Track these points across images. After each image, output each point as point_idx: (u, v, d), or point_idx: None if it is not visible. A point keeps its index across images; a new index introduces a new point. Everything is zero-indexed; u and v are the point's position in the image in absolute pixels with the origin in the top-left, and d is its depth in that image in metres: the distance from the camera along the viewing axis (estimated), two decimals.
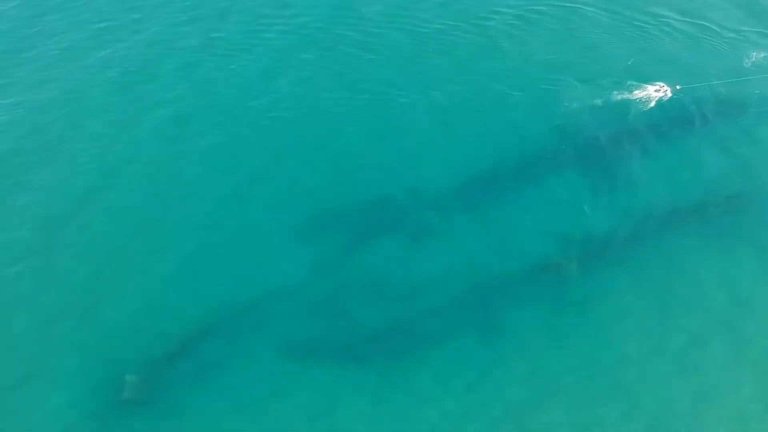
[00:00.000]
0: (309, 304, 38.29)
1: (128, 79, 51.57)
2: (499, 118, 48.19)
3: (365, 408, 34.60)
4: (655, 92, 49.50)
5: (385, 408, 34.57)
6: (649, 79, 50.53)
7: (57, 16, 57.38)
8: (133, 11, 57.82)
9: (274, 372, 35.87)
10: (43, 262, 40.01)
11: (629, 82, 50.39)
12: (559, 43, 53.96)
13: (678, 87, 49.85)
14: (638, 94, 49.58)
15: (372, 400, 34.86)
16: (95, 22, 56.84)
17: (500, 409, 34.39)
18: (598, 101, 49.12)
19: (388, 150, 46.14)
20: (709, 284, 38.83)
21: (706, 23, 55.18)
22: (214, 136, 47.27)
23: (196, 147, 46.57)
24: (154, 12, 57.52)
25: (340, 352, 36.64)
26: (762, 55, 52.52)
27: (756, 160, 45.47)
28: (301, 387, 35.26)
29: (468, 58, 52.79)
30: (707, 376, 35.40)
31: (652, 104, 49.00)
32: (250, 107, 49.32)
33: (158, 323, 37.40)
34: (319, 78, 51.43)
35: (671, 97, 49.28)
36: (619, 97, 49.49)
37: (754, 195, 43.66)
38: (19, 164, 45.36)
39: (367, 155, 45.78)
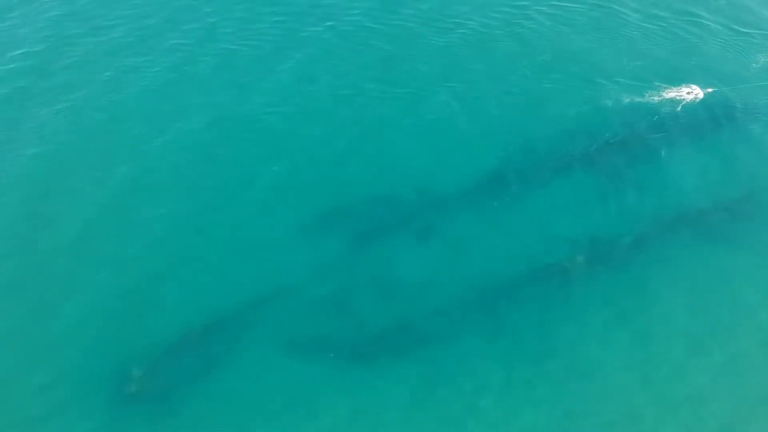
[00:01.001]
0: (314, 302, 38.16)
1: None
2: (520, 117, 48.22)
3: (370, 407, 34.45)
4: (685, 95, 49.18)
5: (390, 408, 34.41)
6: (680, 82, 50.31)
7: None
8: None
9: (277, 369, 35.74)
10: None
11: (657, 83, 50.22)
12: (592, 42, 53.90)
13: (709, 90, 49.40)
14: (665, 96, 49.27)
15: (377, 399, 34.70)
16: None
17: (502, 411, 34.22)
18: (624, 101, 49.05)
19: (395, 149, 46.03)
20: (713, 290, 38.56)
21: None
22: (213, 133, 47.22)
23: (194, 142, 46.56)
24: None
25: (345, 350, 36.51)
26: None
27: None
28: (305, 385, 35.11)
29: (493, 56, 52.99)
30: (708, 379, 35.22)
31: (679, 108, 48.65)
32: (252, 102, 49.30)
33: (162, 318, 37.36)
34: (325, 73, 51.47)
35: (702, 100, 49.06)
36: (644, 98, 49.35)
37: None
38: None
39: (374, 154, 45.67)
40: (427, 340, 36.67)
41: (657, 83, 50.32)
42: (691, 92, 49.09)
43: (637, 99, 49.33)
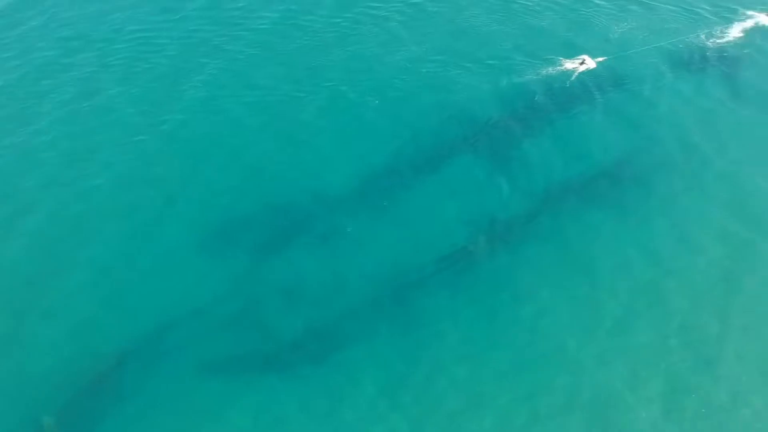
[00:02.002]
0: (223, 319, 37.60)
1: None
2: (410, 106, 48.65)
3: (293, 417, 34.31)
4: (578, 65, 50.92)
5: (312, 415, 34.39)
6: (571, 54, 52.02)
7: None
8: None
9: (194, 392, 35.04)
10: None
11: (549, 57, 51.94)
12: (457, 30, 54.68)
13: (600, 59, 51.34)
14: (558, 69, 50.92)
15: (299, 408, 34.59)
16: None
17: (428, 400, 34.77)
18: (517, 79, 50.36)
19: (283, 154, 45.79)
20: (603, 254, 40.31)
21: None
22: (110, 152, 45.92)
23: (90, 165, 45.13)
24: None
25: (260, 364, 36.26)
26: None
27: (664, 130, 47.29)
28: (224, 404, 34.67)
29: (368, 49, 52.94)
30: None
31: (573, 78, 50.45)
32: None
33: (70, 359, 36.01)
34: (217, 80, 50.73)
35: (593, 70, 50.95)
36: (540, 73, 50.86)
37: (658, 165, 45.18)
38: None
39: (262, 161, 45.27)
40: (343, 342, 36.79)
41: (544, 59, 51.89)
42: (583, 63, 50.86)
43: (518, 78, 50.59)
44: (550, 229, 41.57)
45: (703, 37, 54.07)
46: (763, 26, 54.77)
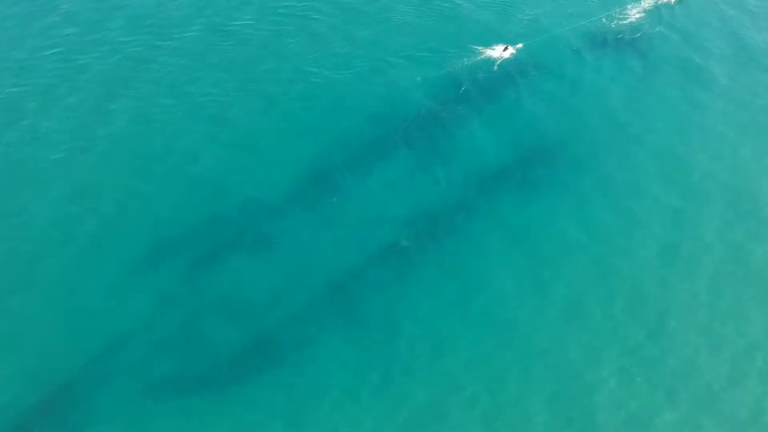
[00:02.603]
0: (162, 340, 35.90)
1: None
2: (339, 106, 47.71)
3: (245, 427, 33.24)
4: (501, 53, 51.26)
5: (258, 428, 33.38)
6: (492, 43, 52.25)
7: None
8: None
9: (139, 417, 33.38)
10: None
11: (472, 47, 51.93)
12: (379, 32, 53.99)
13: (520, 45, 51.96)
14: (481, 58, 51.00)
15: (238, 423, 33.36)
16: None
17: (387, 397, 34.39)
18: (442, 71, 50.21)
19: (218, 161, 44.00)
20: (537, 233, 41.07)
21: None
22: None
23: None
24: None
25: (203, 381, 34.74)
26: None
27: (590, 109, 48.43)
28: (170, 425, 33.18)
29: (294, 52, 51.77)
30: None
31: (497, 65, 50.74)
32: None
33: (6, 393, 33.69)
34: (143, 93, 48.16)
35: (515, 56, 51.40)
36: (464, 63, 50.85)
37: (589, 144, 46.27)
38: None
39: (196, 169, 43.43)
40: (286, 351, 35.73)
41: (467, 49, 51.90)
42: (501, 52, 51.25)
43: (443, 70, 50.53)
44: (491, 215, 41.66)
45: (614, 16, 55.54)
46: (667, 2, 57.02)
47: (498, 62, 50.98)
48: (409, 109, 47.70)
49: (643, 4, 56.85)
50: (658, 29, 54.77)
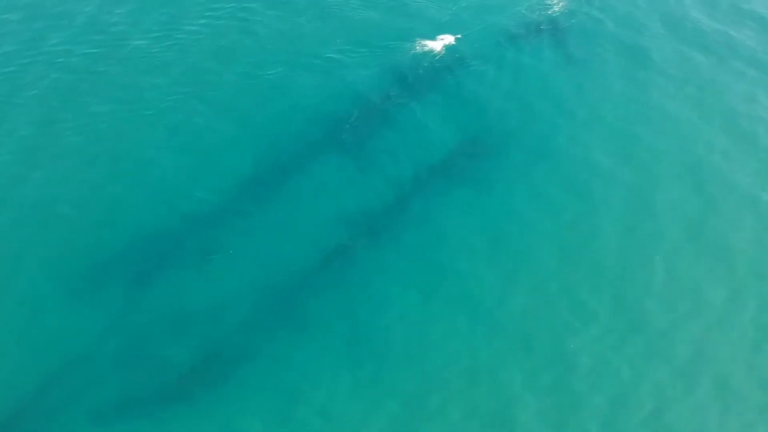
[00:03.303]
0: (107, 361, 36.09)
1: None
2: (265, 113, 47.90)
3: None
4: (425, 50, 51.89)
5: None
6: (414, 40, 52.86)
7: None
8: None
9: None
10: None
11: (411, 40, 52.70)
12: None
13: (444, 42, 52.68)
14: (406, 56, 51.60)
15: None
16: None
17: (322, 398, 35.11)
18: (366, 71, 50.70)
19: (143, 176, 44.14)
20: (501, 227, 42.08)
21: None
22: None
23: None
24: None
25: (152, 400, 35.08)
26: None
27: (513, 102, 49.37)
28: None
29: (210, 60, 51.88)
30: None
31: (422, 63, 51.39)
32: None
33: None
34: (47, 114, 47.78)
35: (439, 53, 52.11)
36: (389, 63, 51.43)
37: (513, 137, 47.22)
38: None
39: (121, 187, 43.48)
40: (235, 363, 36.19)
41: (388, 48, 52.38)
42: (425, 49, 51.82)
43: (368, 71, 50.84)
44: (424, 213, 42.45)
45: (548, 3, 56.57)
46: None
47: (437, 54, 51.74)
48: (350, 106, 48.21)
49: None
50: (591, 14, 55.94)
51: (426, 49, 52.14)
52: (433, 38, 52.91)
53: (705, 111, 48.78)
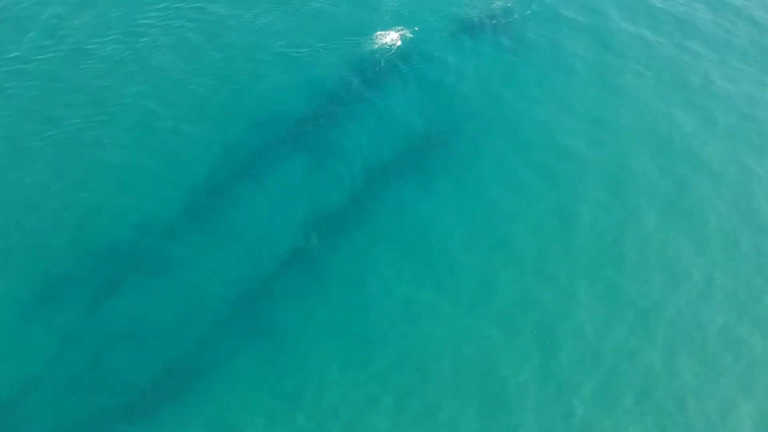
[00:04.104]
0: (68, 380, 34.63)
1: None
2: (221, 116, 46.64)
3: None
4: (382, 44, 51.22)
5: None
6: (370, 34, 52.26)
7: None
8: None
9: None
10: None
11: (354, 40, 51.85)
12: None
13: (400, 35, 52.16)
14: (363, 50, 50.87)
15: None
16: None
17: (316, 408, 34.05)
18: (324, 67, 49.82)
19: (98, 187, 42.56)
20: (473, 216, 41.43)
21: None
22: None
23: None
24: None
25: (121, 417, 33.67)
26: None
27: (476, 93, 48.71)
28: None
29: (164, 63, 50.37)
30: None
31: (381, 57, 50.66)
32: None
33: None
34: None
35: (398, 47, 51.54)
36: (346, 58, 50.59)
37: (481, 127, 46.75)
38: None
39: (74, 200, 41.76)
40: (198, 375, 34.96)
41: (346, 42, 51.57)
42: (382, 43, 51.21)
43: (326, 66, 50.00)
44: (396, 206, 41.77)
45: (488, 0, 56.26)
46: None
47: (382, 54, 51.01)
48: (298, 110, 47.17)
49: None
50: (529, 11, 55.57)
51: (373, 48, 51.45)
52: (391, 30, 52.42)
53: (664, 89, 49.25)
